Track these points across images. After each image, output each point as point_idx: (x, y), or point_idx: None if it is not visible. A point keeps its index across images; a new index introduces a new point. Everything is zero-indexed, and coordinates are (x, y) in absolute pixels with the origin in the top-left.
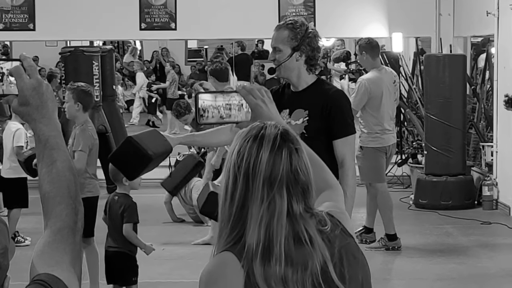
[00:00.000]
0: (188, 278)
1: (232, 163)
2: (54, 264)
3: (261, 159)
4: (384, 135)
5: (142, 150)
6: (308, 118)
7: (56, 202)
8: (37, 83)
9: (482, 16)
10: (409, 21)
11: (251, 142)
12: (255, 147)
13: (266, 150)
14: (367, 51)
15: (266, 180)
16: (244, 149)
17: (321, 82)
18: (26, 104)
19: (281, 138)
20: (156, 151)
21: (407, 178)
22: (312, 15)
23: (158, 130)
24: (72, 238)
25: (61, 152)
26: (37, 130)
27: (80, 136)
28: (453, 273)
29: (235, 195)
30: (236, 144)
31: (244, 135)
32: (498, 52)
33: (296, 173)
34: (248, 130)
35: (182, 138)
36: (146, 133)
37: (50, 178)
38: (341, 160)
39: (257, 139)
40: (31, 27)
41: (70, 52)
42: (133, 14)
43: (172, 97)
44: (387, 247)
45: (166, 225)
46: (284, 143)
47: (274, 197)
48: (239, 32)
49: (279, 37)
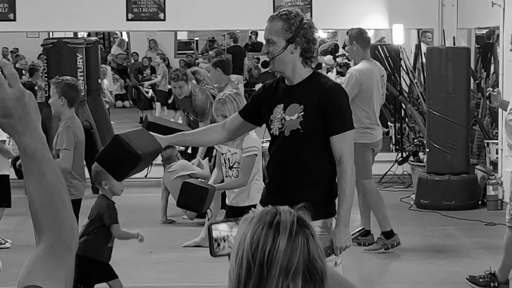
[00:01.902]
0: (178, 282)
1: (245, 251)
2: (44, 277)
3: (278, 248)
4: (373, 131)
5: (131, 149)
6: (303, 113)
7: (50, 216)
8: (19, 93)
9: (487, 7)
10: (410, 12)
11: (266, 229)
12: (271, 234)
13: (284, 237)
14: (358, 41)
15: (283, 269)
16: (259, 237)
17: (317, 75)
18: (9, 116)
19: (298, 225)
20: (145, 150)
21: (408, 177)
22: (308, 6)
23: (145, 129)
24: (67, 255)
25: (49, 164)
26: (21, 144)
27: (64, 133)
28: (455, 277)
29: (248, 284)
30: (248, 230)
31: (257, 221)
32: (503, 45)
33: (314, 260)
34: (260, 215)
35: (172, 138)
36: (134, 131)
37: (42, 193)
38: (339, 157)
39: (273, 225)
40: (11, 17)
41: (52, 44)
42: (120, 4)
43: (163, 89)
44: (387, 246)
45: (155, 227)
46: (300, 230)
47: (289, 286)
48: (232, 23)
49: (272, 28)
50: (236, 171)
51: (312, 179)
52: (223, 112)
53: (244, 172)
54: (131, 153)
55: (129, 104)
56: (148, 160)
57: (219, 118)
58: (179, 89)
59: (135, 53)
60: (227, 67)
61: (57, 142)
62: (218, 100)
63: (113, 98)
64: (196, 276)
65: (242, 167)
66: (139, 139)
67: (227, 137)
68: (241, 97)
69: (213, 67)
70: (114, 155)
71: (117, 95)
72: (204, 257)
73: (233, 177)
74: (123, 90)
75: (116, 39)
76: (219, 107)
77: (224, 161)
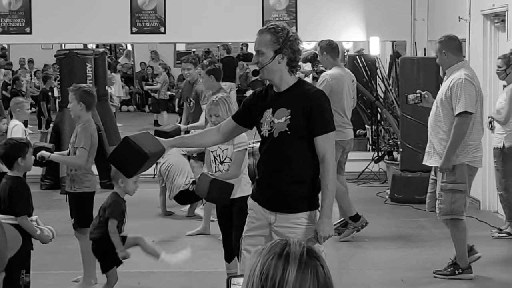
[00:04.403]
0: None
1: (255, 282)
2: None
3: (288, 279)
4: (345, 129)
5: (139, 149)
6: (290, 116)
7: None
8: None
9: (454, 21)
10: (385, 25)
11: (276, 260)
12: (281, 265)
13: (293, 268)
14: (327, 52)
15: None
16: (269, 268)
17: (302, 82)
18: None
19: (307, 255)
20: (152, 150)
21: (383, 174)
22: (294, 20)
23: (150, 133)
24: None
25: None
26: None
27: (82, 133)
28: (426, 263)
29: None
30: (258, 261)
31: (267, 252)
32: (469, 56)
33: None
34: (270, 247)
35: (173, 141)
36: (140, 134)
37: None
38: (322, 155)
39: (283, 256)
40: (28, 31)
41: (65, 55)
42: (125, 19)
43: (163, 98)
44: (357, 228)
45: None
46: (310, 261)
47: None
48: (225, 36)
49: (262, 40)
50: (227, 165)
51: (297, 176)
52: (216, 112)
53: (236, 165)
54: (139, 152)
55: (133, 108)
56: (153, 160)
57: (213, 118)
58: (187, 70)
59: (143, 63)
60: (219, 75)
61: (75, 141)
62: (212, 101)
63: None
64: (193, 262)
65: (235, 161)
66: (145, 140)
67: (222, 139)
68: (231, 100)
69: (207, 75)
70: (124, 154)
71: (123, 100)
72: (200, 246)
73: (224, 171)
74: (128, 96)
75: (122, 50)
76: (212, 108)
77: (213, 158)
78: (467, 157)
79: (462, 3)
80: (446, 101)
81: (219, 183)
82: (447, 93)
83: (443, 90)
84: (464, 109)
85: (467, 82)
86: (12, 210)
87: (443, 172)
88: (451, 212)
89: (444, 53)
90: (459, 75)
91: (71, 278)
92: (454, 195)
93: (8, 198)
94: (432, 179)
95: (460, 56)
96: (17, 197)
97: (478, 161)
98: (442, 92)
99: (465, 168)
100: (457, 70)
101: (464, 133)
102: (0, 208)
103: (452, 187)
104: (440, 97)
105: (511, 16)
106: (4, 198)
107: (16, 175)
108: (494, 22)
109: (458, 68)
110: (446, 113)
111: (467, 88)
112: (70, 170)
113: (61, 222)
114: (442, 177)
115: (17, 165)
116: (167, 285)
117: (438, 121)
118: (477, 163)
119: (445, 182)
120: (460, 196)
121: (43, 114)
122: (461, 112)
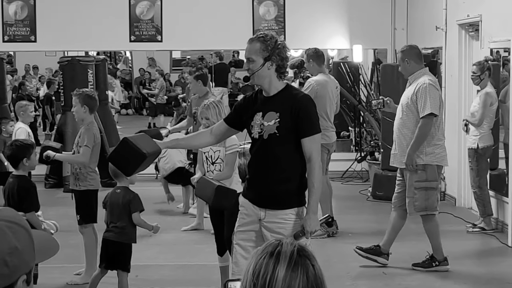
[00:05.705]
0: (172, 261)
1: (248, 280)
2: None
3: (277, 276)
4: (329, 132)
5: (137, 149)
6: (279, 119)
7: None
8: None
9: (432, 31)
10: (368, 34)
11: (267, 259)
12: (271, 263)
13: (283, 266)
14: (313, 59)
15: None
16: (260, 266)
17: (289, 87)
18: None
19: (298, 255)
20: (149, 150)
21: (365, 173)
22: (282, 29)
23: (146, 134)
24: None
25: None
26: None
27: (85, 134)
28: (405, 256)
29: None
30: (252, 261)
31: (260, 252)
32: (445, 63)
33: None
34: (264, 247)
35: (168, 142)
36: (138, 136)
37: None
38: (308, 156)
39: (273, 255)
40: (33, 39)
41: (67, 61)
42: (124, 28)
43: (160, 102)
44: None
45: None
46: (300, 259)
47: None
48: (218, 44)
49: (252, 48)
50: (219, 166)
51: (286, 174)
52: (207, 115)
53: (229, 166)
54: (138, 152)
55: (132, 112)
56: (150, 160)
57: (203, 121)
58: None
59: (142, 69)
60: (206, 80)
61: (79, 140)
62: (203, 105)
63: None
64: (188, 256)
65: (227, 162)
66: (143, 141)
67: (214, 140)
68: (222, 104)
69: (195, 80)
70: (123, 154)
71: (122, 104)
72: (195, 240)
73: (215, 171)
74: (127, 100)
75: (121, 57)
76: (204, 111)
77: (206, 158)
78: (436, 157)
79: (439, 14)
80: (413, 105)
81: (224, 190)
82: (413, 98)
83: (408, 95)
84: (430, 111)
85: (431, 86)
86: (20, 206)
87: (408, 169)
88: (426, 208)
89: (406, 61)
90: (423, 80)
91: (74, 271)
92: (427, 192)
93: (17, 195)
94: (398, 179)
95: (421, 64)
96: (25, 195)
97: (445, 160)
98: (407, 97)
99: (435, 167)
100: (421, 77)
101: (427, 133)
102: (9, 205)
103: (425, 185)
104: (405, 101)
105: (484, 26)
106: (12, 195)
107: (22, 174)
108: (468, 31)
109: (421, 74)
110: (412, 117)
111: (432, 92)
112: (74, 169)
113: (64, 219)
114: (415, 176)
115: (22, 165)
116: (163, 277)
117: (404, 124)
118: (444, 162)
119: (418, 181)
120: (433, 193)
121: (47, 117)
122: (427, 114)
